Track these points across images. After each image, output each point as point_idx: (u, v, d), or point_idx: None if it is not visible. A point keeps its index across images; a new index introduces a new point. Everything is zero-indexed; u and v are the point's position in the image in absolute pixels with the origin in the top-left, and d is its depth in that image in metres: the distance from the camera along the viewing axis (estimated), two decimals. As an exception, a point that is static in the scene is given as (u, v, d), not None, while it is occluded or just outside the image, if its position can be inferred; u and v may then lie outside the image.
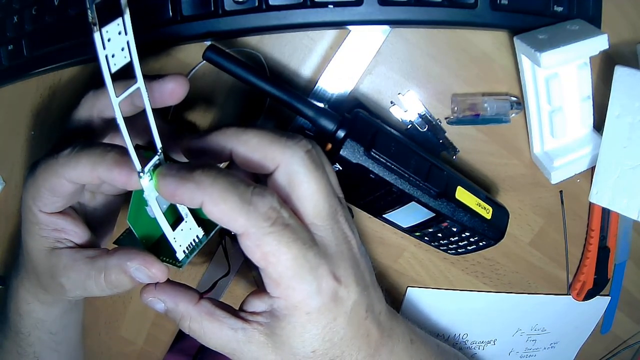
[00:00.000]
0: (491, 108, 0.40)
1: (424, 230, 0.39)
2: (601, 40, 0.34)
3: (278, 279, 0.26)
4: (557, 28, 0.36)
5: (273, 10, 0.35)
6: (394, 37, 0.38)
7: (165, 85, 0.31)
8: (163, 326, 0.50)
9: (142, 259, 0.29)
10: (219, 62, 0.32)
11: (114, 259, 0.29)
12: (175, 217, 0.29)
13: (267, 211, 0.25)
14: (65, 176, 0.28)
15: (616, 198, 0.39)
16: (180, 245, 0.29)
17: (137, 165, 0.25)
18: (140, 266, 0.28)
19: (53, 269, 0.31)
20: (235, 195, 0.24)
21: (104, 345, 0.51)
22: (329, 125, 0.33)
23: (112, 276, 0.29)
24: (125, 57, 0.23)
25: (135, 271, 0.29)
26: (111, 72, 0.22)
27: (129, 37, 0.24)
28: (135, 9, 0.35)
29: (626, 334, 0.59)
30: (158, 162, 0.26)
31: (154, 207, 0.27)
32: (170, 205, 0.29)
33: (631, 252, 0.51)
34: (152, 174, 0.26)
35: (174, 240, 0.28)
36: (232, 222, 0.25)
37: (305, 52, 0.39)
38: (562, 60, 0.34)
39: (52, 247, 0.31)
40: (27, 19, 0.37)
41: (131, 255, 0.29)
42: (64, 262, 0.31)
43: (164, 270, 0.29)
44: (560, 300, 0.52)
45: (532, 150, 0.42)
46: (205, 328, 0.29)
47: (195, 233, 0.29)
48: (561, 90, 0.37)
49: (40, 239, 0.31)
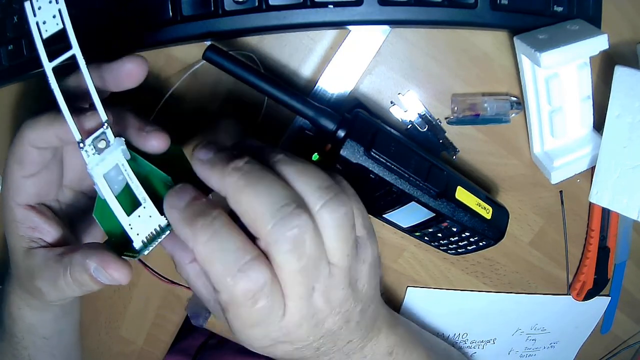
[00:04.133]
0: (491, 108, 0.40)
1: (424, 230, 0.39)
2: (601, 40, 0.34)
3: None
4: (557, 28, 0.36)
5: (273, 10, 0.35)
6: (394, 37, 0.38)
7: (122, 66, 0.29)
8: (163, 326, 0.50)
9: (99, 257, 0.27)
10: (219, 62, 0.32)
11: (77, 256, 0.29)
12: (133, 202, 0.26)
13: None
14: (27, 140, 0.28)
15: (616, 198, 0.39)
16: (138, 234, 0.26)
17: (76, 135, 0.24)
18: (98, 266, 0.27)
19: (30, 270, 0.31)
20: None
21: (104, 345, 0.51)
22: (329, 125, 0.33)
23: (76, 274, 0.28)
24: (57, 24, 0.23)
25: (95, 271, 0.28)
26: (42, 37, 0.23)
27: (61, 5, 0.24)
28: (135, 9, 0.35)
29: (626, 334, 0.59)
30: (102, 134, 0.25)
31: (102, 187, 0.26)
32: (126, 187, 0.26)
33: (631, 252, 0.51)
34: (95, 147, 0.25)
35: (129, 227, 0.26)
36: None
37: (305, 52, 0.39)
38: (562, 60, 0.34)
39: (28, 246, 0.31)
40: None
41: (90, 253, 0.28)
42: (38, 262, 0.30)
43: (124, 272, 0.27)
44: (560, 300, 0.52)
45: (532, 150, 0.42)
46: None
47: (156, 222, 0.27)
48: (561, 90, 0.37)
49: (18, 238, 0.31)
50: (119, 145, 0.26)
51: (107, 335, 0.50)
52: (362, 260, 0.28)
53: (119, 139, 0.26)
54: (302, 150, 0.39)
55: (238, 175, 0.24)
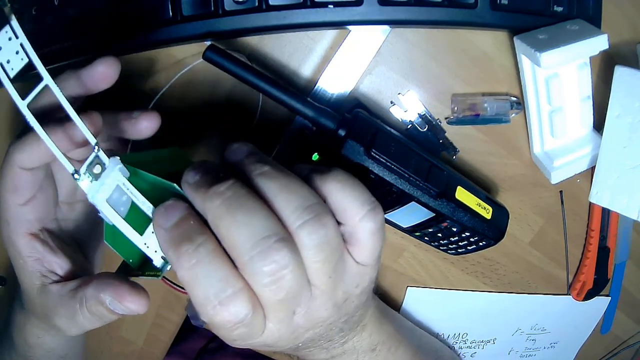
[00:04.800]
0: (491, 108, 0.40)
1: (424, 230, 0.39)
2: (601, 40, 0.34)
3: None
4: (557, 28, 0.36)
5: (273, 10, 0.35)
6: (394, 37, 0.38)
7: (94, 70, 0.29)
8: (163, 326, 0.50)
9: (113, 290, 0.27)
10: (219, 62, 0.32)
11: (90, 289, 0.28)
12: (143, 219, 0.25)
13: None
14: (17, 163, 0.28)
15: (616, 198, 0.39)
16: (156, 251, 0.25)
17: (68, 167, 0.23)
18: (113, 300, 0.27)
19: (46, 309, 0.30)
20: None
21: (104, 345, 0.51)
22: (329, 125, 0.33)
23: (92, 308, 0.28)
24: (22, 59, 0.22)
25: (111, 304, 0.27)
26: (10, 77, 0.22)
27: (21, 40, 0.23)
28: (135, 8, 0.35)
29: (626, 334, 0.59)
30: (95, 158, 0.23)
31: (108, 213, 0.24)
32: (132, 205, 0.25)
33: (631, 252, 0.51)
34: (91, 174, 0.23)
35: (145, 246, 0.25)
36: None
37: (305, 52, 0.39)
38: (562, 60, 0.34)
39: (41, 283, 0.30)
40: (27, 19, 0.37)
41: (104, 286, 0.27)
42: (53, 299, 0.30)
43: (140, 303, 0.27)
44: (560, 300, 0.52)
45: (532, 150, 0.42)
46: None
47: None
48: (561, 90, 0.37)
49: (30, 276, 0.30)
50: (115, 165, 0.24)
51: (107, 335, 0.50)
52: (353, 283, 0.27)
53: (114, 159, 0.24)
54: (302, 150, 0.39)
55: (219, 201, 0.23)
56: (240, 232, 0.22)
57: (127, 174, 0.25)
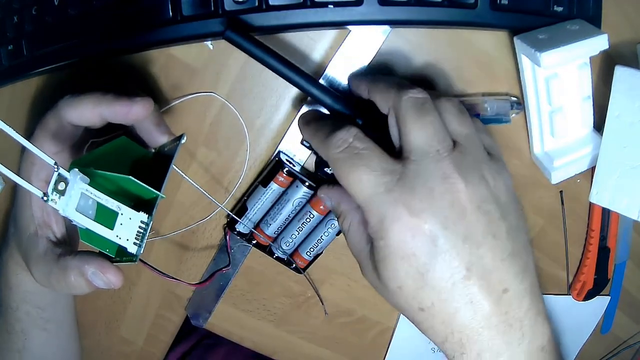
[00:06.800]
0: (491, 108, 0.40)
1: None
2: (601, 40, 0.34)
3: (357, 200, 0.29)
4: (557, 28, 0.36)
5: (273, 10, 0.35)
6: (394, 37, 0.38)
7: (129, 107, 0.31)
8: (163, 326, 0.50)
9: (97, 264, 0.30)
10: (240, 42, 0.32)
11: (74, 261, 0.31)
12: (110, 214, 0.28)
13: (336, 141, 0.30)
14: (67, 117, 0.32)
15: (616, 198, 0.39)
16: (128, 239, 0.28)
17: (38, 193, 0.26)
18: (97, 271, 0.30)
19: (28, 253, 0.33)
20: (324, 128, 0.31)
21: (104, 345, 0.51)
22: (345, 112, 0.34)
23: (71, 277, 0.31)
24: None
25: (92, 275, 0.30)
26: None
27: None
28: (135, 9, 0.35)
29: (626, 334, 0.59)
30: (58, 176, 0.26)
31: (80, 220, 0.27)
32: (98, 207, 0.28)
33: (631, 252, 0.51)
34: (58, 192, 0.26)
35: (117, 238, 0.28)
36: (321, 153, 0.32)
37: (306, 52, 0.39)
38: (562, 60, 0.34)
39: (34, 231, 0.33)
40: (27, 19, 0.37)
41: (89, 259, 0.31)
42: (38, 251, 0.33)
43: (118, 277, 0.30)
44: (560, 300, 0.52)
45: (532, 151, 0.42)
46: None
47: (138, 219, 0.28)
48: (561, 90, 0.37)
49: (29, 219, 0.33)
50: (76, 176, 0.27)
51: (107, 336, 0.50)
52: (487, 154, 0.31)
53: (74, 171, 0.27)
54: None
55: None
56: (387, 80, 0.32)
57: (87, 180, 0.27)
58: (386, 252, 0.28)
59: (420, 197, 0.27)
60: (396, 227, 0.27)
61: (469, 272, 0.27)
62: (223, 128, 0.41)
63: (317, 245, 0.43)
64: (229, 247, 0.44)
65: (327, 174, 0.38)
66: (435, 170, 0.28)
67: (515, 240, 0.29)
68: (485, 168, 0.29)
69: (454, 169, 0.28)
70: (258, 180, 0.41)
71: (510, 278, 0.28)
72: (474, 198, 0.28)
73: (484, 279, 0.27)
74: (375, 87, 0.32)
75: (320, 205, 0.41)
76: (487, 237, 0.28)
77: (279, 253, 0.44)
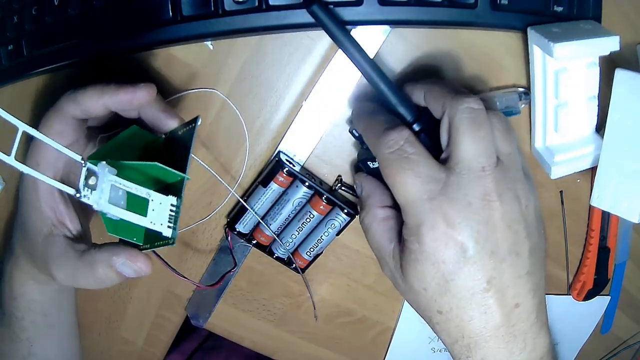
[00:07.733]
0: (500, 102, 0.40)
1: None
2: (613, 41, 0.34)
3: (399, 201, 0.30)
4: (570, 25, 0.36)
5: (273, 10, 0.35)
6: (394, 37, 0.38)
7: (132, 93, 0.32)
8: (163, 326, 0.50)
9: (127, 254, 0.30)
10: (322, 20, 0.31)
11: (101, 254, 0.31)
12: (141, 202, 0.29)
13: (388, 141, 0.30)
14: (71, 111, 0.32)
15: (617, 201, 0.39)
16: (162, 224, 0.29)
17: (70, 190, 0.26)
18: (126, 261, 0.30)
19: (47, 255, 0.33)
20: (378, 125, 0.32)
21: (104, 345, 0.51)
22: (407, 117, 0.33)
23: (99, 270, 0.31)
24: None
25: (122, 266, 0.30)
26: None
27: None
28: (135, 9, 0.35)
29: (626, 334, 0.59)
30: (87, 171, 0.26)
31: (114, 211, 0.27)
32: (129, 196, 0.28)
33: (631, 253, 0.51)
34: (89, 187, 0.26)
35: (152, 224, 0.28)
36: (372, 148, 0.32)
37: (305, 52, 0.39)
38: (574, 54, 0.34)
39: (49, 232, 0.33)
40: (27, 19, 0.37)
41: (117, 250, 0.30)
42: (57, 250, 0.32)
43: (148, 264, 0.30)
44: (560, 300, 0.52)
45: (533, 145, 0.42)
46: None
47: (168, 203, 0.29)
48: (569, 85, 0.37)
49: (40, 221, 0.33)
50: (104, 169, 0.27)
51: (107, 335, 0.50)
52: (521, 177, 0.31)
53: (101, 164, 0.27)
54: None
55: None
56: (443, 84, 0.32)
57: (114, 172, 0.27)
58: (418, 256, 0.30)
59: (458, 208, 0.28)
60: (432, 234, 0.29)
61: (489, 285, 0.29)
62: (223, 128, 0.41)
63: (317, 245, 0.43)
64: (232, 247, 0.44)
65: (370, 168, 0.38)
66: (476, 186, 0.29)
67: (534, 258, 0.30)
68: (519, 188, 0.30)
69: (494, 188, 0.29)
70: (258, 180, 0.41)
71: (524, 294, 0.30)
72: (506, 217, 0.29)
73: (500, 293, 0.29)
74: (431, 92, 0.32)
75: (320, 205, 0.41)
76: (511, 254, 0.29)
77: (279, 253, 0.44)
